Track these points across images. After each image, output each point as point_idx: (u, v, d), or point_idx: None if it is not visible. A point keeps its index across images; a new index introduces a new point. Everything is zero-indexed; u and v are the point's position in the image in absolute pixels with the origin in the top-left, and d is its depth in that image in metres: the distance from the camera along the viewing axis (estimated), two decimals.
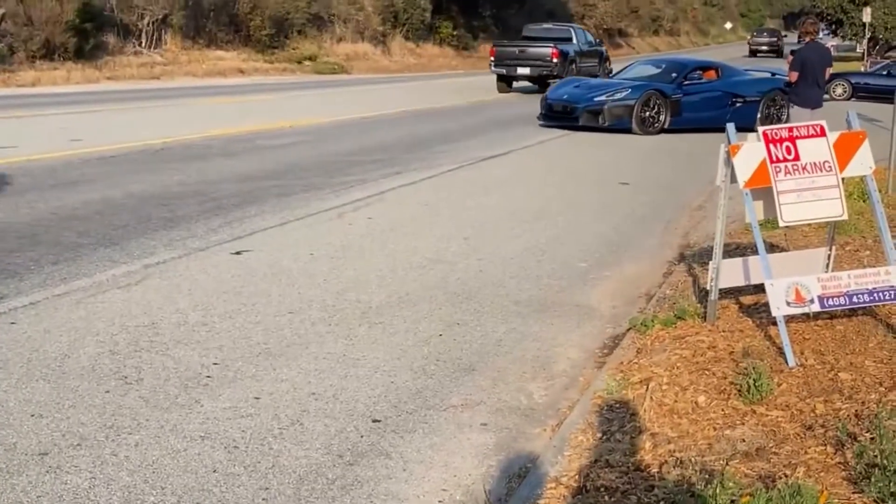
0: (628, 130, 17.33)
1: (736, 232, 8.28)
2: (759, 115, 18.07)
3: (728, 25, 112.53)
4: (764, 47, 67.10)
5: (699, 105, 17.96)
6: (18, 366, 4.98)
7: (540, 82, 27.58)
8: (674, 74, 18.61)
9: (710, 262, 5.86)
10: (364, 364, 5.27)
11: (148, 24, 32.78)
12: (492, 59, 28.99)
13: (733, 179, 5.52)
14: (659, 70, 19.34)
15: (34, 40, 27.67)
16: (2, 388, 4.68)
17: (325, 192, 10.48)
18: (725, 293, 6.15)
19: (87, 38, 29.65)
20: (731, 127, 5.63)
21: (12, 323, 5.62)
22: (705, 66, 19.60)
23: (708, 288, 5.90)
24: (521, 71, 28.11)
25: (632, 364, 5.29)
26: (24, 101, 20.62)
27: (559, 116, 18.11)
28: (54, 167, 11.33)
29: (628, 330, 6.00)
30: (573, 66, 28.55)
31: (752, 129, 19.70)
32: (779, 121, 18.05)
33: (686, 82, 18.33)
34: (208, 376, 4.97)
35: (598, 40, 35.55)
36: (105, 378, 4.87)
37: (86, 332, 5.52)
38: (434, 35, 50.46)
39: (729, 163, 5.51)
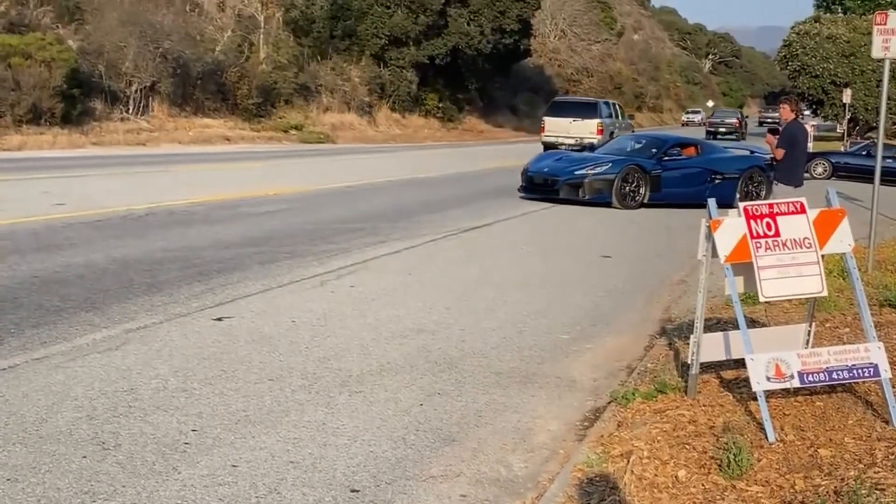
0: (608, 204, 17.39)
1: (717, 306, 8.33)
2: (737, 192, 18.22)
3: (710, 103, 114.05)
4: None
5: (679, 181, 18.10)
6: None
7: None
8: (654, 150, 18.77)
9: (692, 336, 5.88)
10: (344, 433, 5.25)
11: (136, 91, 33.01)
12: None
13: (714, 254, 5.57)
14: (640, 145, 19.49)
15: (21, 105, 27.79)
16: None
17: (309, 259, 10.49)
18: (706, 367, 6.17)
19: (75, 104, 29.81)
20: (712, 202, 5.70)
21: None
22: (685, 143, 19.81)
23: (689, 362, 5.92)
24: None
25: (612, 437, 5.28)
26: (9, 164, 20.65)
27: (539, 189, 18.18)
28: (37, 231, 11.32)
29: (609, 403, 5.99)
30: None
31: (732, 206, 19.97)
32: (758, 197, 18.29)
33: (666, 158, 18.45)
34: (186, 443, 4.93)
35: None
36: (82, 443, 4.83)
37: (64, 397, 5.48)
38: (420, 106, 51.00)
39: (710, 237, 5.57)
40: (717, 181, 18.28)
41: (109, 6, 34.08)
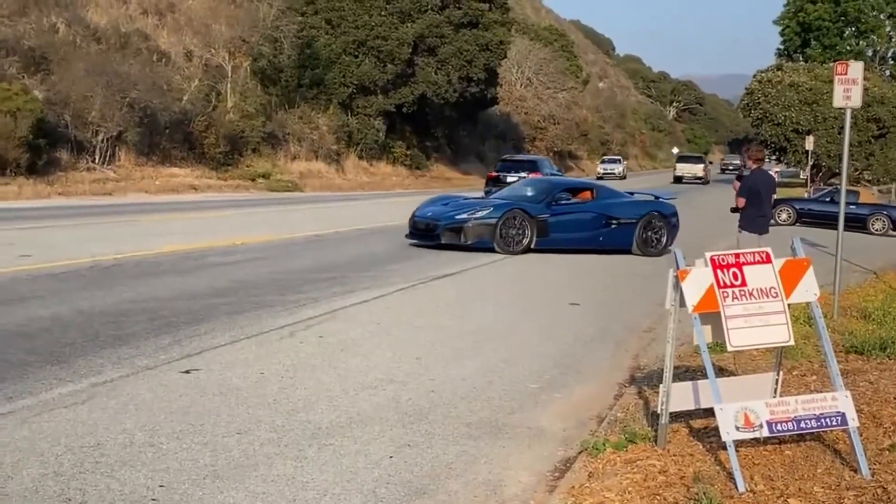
0: (491, 250, 17.02)
1: (685, 354, 8.38)
2: (635, 238, 18.12)
3: (675, 150, 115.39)
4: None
5: (569, 225, 17.79)
6: None
7: None
8: (543, 195, 18.40)
9: (661, 386, 5.90)
10: (313, 487, 5.20)
11: (102, 141, 32.93)
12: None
13: (682, 303, 5.61)
14: (534, 190, 19.09)
15: None
16: None
17: (277, 309, 10.45)
18: (676, 416, 6.19)
19: (41, 154, 29.69)
20: (678, 252, 5.75)
21: None
22: (579, 187, 19.62)
23: (658, 411, 5.94)
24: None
25: (583, 488, 5.27)
26: None
27: (422, 234, 17.76)
28: (2, 283, 11.21)
29: (580, 453, 5.99)
30: None
31: (629, 252, 19.69)
32: (658, 244, 18.19)
33: (556, 203, 18.06)
34: (154, 499, 4.87)
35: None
36: (48, 500, 4.76)
37: (30, 453, 5.41)
38: (388, 154, 51.22)
39: (678, 287, 5.61)
40: (612, 226, 18.08)
41: (76, 56, 34.07)
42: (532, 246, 17.36)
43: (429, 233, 17.54)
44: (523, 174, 34.27)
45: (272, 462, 5.55)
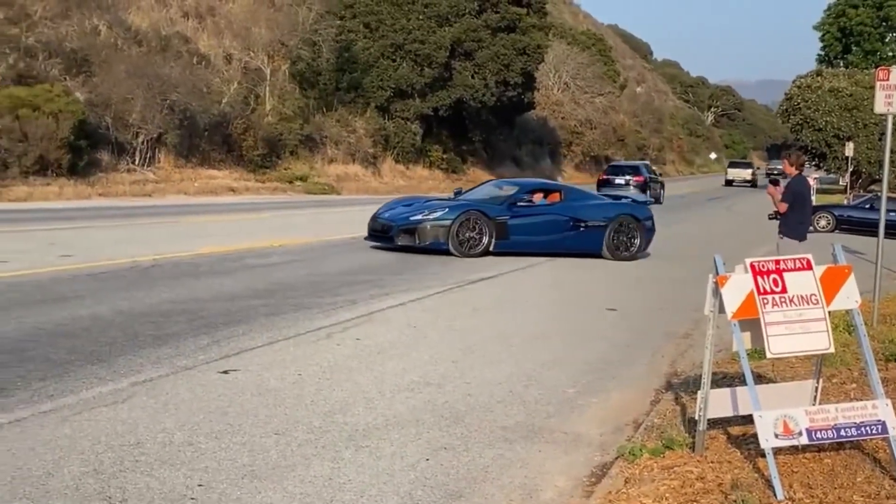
0: (447, 252, 16.53)
1: (723, 361, 8.32)
2: (605, 242, 17.72)
3: (713, 156, 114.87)
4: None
5: (531, 228, 17.30)
6: (2, 484, 4.92)
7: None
8: (505, 196, 17.95)
9: (699, 392, 5.87)
10: (350, 488, 5.23)
11: (142, 143, 33.23)
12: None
13: (721, 310, 5.58)
14: (499, 191, 18.63)
15: (28, 156, 27.96)
16: None
17: (314, 311, 10.50)
18: (714, 423, 6.15)
19: (82, 155, 29.99)
20: (717, 258, 5.72)
21: None
22: (546, 189, 18.98)
23: (696, 418, 5.91)
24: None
25: (620, 494, 5.25)
26: (16, 215, 20.75)
27: (379, 235, 17.30)
28: (43, 282, 11.34)
29: (616, 458, 5.97)
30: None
31: (599, 255, 18.45)
32: (629, 248, 17.77)
33: (520, 204, 17.56)
34: (192, 498, 4.92)
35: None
36: (89, 498, 4.81)
37: (71, 451, 5.47)
38: (424, 158, 51.28)
39: (717, 293, 5.58)
40: (580, 229, 17.62)
41: (117, 59, 34.40)
42: (491, 249, 16.88)
43: (385, 234, 17.13)
44: (627, 177, 42.20)
45: (309, 463, 5.58)
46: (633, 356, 9.39)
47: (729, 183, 72.64)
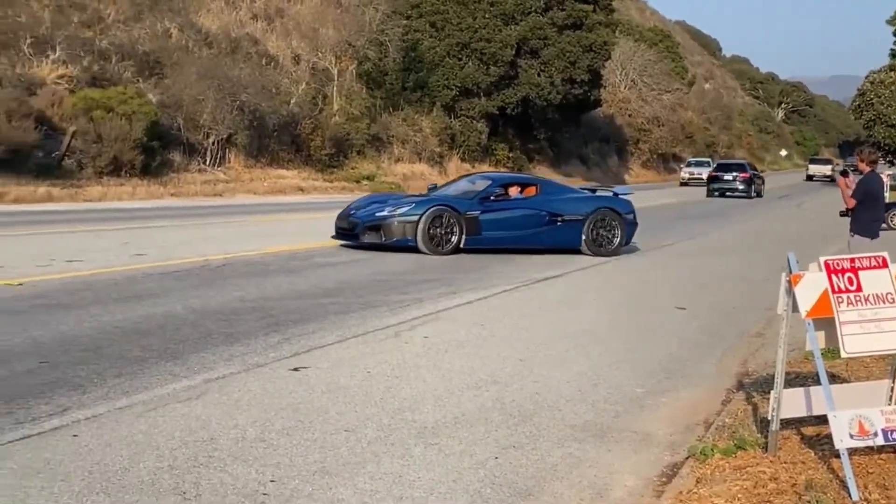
0: (415, 249, 15.87)
1: (796, 361, 8.20)
2: (584, 236, 17.11)
3: (783, 153, 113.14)
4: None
5: (505, 223, 16.58)
6: (80, 478, 5.03)
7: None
8: (476, 190, 17.13)
9: (772, 392, 5.80)
10: (419, 486, 5.26)
11: (213, 143, 33.72)
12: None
13: (795, 308, 5.51)
14: (469, 186, 17.77)
15: (102, 157, 28.52)
16: (63, 501, 4.73)
17: (382, 310, 10.57)
18: (786, 423, 6.07)
19: (154, 156, 30.53)
20: (791, 256, 5.64)
21: (74, 435, 5.70)
22: (521, 182, 18.08)
23: (769, 418, 5.84)
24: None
25: (691, 494, 5.21)
26: (91, 215, 21.19)
27: (345, 233, 16.61)
28: (117, 281, 11.57)
29: (687, 458, 5.92)
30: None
31: (578, 251, 16.96)
32: (609, 243, 17.21)
33: (492, 199, 16.82)
34: (265, 494, 4.98)
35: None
36: (164, 493, 4.90)
37: (146, 446, 5.58)
38: (490, 156, 51.24)
39: (790, 292, 5.51)
40: (557, 223, 16.93)
41: (188, 61, 34.94)
42: (462, 246, 16.25)
43: (350, 231, 16.47)
44: (734, 173, 47.56)
45: (379, 460, 5.62)
46: (704, 355, 9.30)
47: (810, 178, 77.87)
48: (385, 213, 16.25)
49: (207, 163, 33.65)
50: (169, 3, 38.20)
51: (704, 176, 60.63)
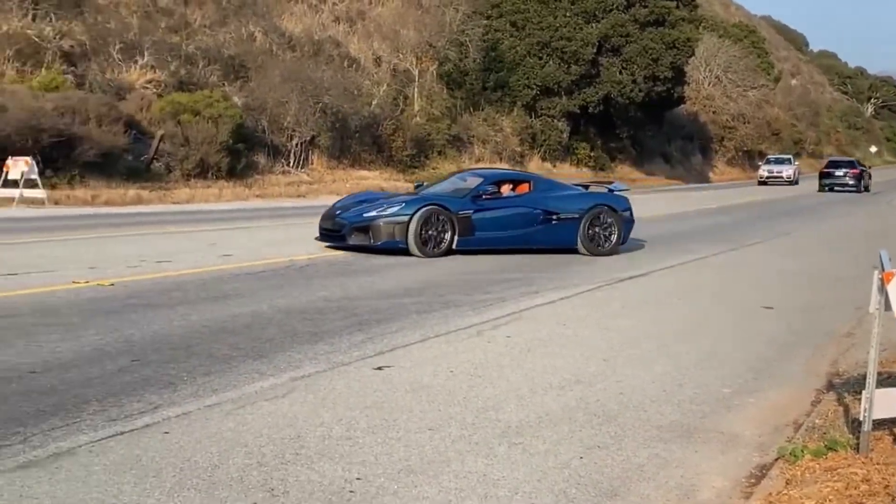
0: (406, 252, 14.97)
1: (888, 361, 8.01)
2: (580, 235, 16.40)
3: (873, 149, 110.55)
4: None
5: (498, 222, 15.79)
6: (171, 475, 5.14)
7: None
8: (469, 188, 16.25)
9: (863, 392, 5.67)
10: (504, 485, 5.26)
11: (296, 145, 34.17)
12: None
13: (887, 307, 5.38)
14: (463, 183, 16.87)
15: (189, 160, 29.11)
16: (154, 497, 4.83)
17: (464, 309, 10.59)
18: (879, 424, 5.94)
19: (240, 158, 31.06)
20: (883, 253, 5.52)
21: (165, 432, 5.82)
22: (514, 179, 17.44)
23: (860, 418, 5.71)
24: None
25: (781, 495, 5.13)
26: (179, 217, 21.63)
27: (332, 235, 15.76)
28: (205, 281, 11.79)
29: (776, 459, 5.83)
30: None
31: (574, 250, 16.22)
32: (607, 241, 16.52)
33: (485, 197, 15.97)
34: (351, 491, 5.03)
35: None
36: (253, 490, 4.98)
37: (235, 443, 5.67)
38: (571, 156, 51.05)
39: (883, 290, 5.39)
40: (552, 222, 16.20)
41: (272, 64, 35.46)
42: (454, 247, 15.40)
43: (337, 232, 15.62)
44: (845, 169, 52.28)
45: (464, 459, 5.63)
46: (792, 355, 9.13)
47: None
48: (373, 213, 15.30)
49: (291, 164, 34.12)
50: (253, 7, 38.80)
51: (785, 174, 59.18)
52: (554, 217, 16.27)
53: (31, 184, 23.59)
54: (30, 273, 11.72)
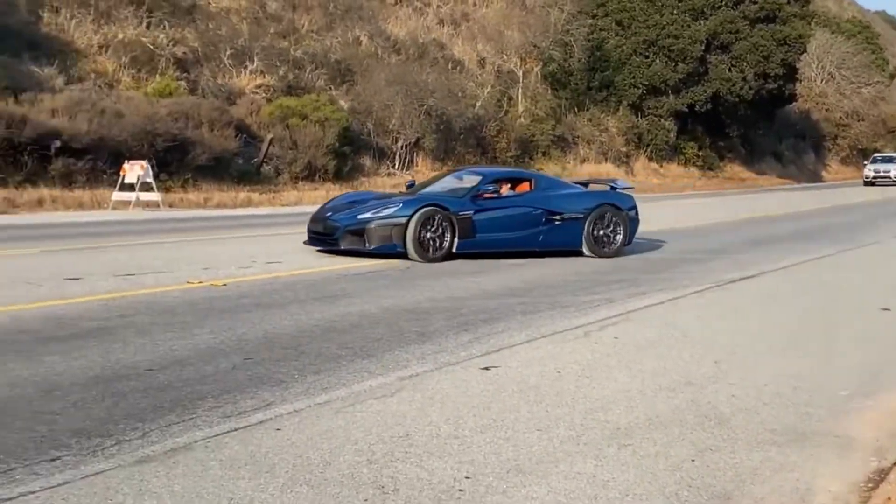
0: (403, 255, 14.10)
1: None
2: (584, 236, 15.47)
3: None
4: None
5: (501, 223, 14.88)
6: (284, 471, 5.23)
7: None
8: (467, 187, 15.32)
9: None
10: (614, 486, 5.21)
11: (401, 147, 34.47)
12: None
13: None
14: (458, 183, 15.91)
15: (297, 163, 29.62)
16: (268, 492, 4.92)
17: (571, 310, 10.54)
18: None
19: (346, 161, 31.48)
20: None
21: (278, 429, 5.92)
22: (515, 178, 16.47)
23: None
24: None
25: None
26: (288, 219, 22.02)
27: (322, 238, 14.89)
28: (314, 282, 11.97)
29: (895, 464, 5.65)
30: None
31: (579, 253, 15.31)
32: (612, 242, 15.60)
33: (486, 196, 15.01)
34: (460, 490, 5.05)
35: None
36: (363, 486, 5.04)
37: (345, 441, 5.74)
38: (679, 155, 50.36)
39: None
40: (555, 222, 15.27)
41: (378, 68, 35.85)
42: (454, 250, 14.49)
43: (327, 237, 14.76)
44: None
45: (572, 460, 5.60)
46: None
47: None
48: (368, 214, 14.39)
49: (396, 166, 34.44)
50: (359, 11, 39.29)
51: (893, 174, 55.73)
52: (557, 217, 15.38)
53: (146, 187, 24.32)
54: (146, 274, 12.08)
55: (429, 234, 14.23)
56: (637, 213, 16.34)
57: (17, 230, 18.37)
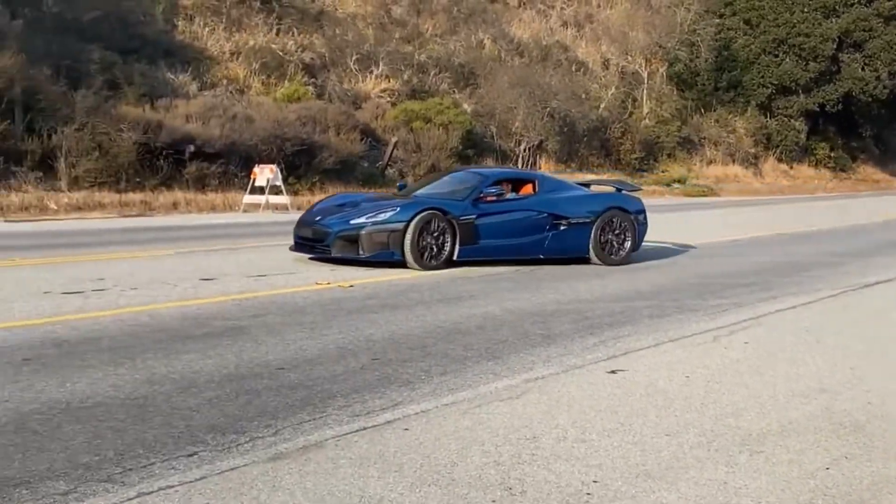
0: (399, 264, 13.08)
1: None
2: (592, 242, 14.32)
3: None
4: None
5: (504, 228, 13.82)
6: (412, 470, 5.28)
7: None
8: (468, 190, 14.10)
9: None
10: (746, 494, 5.10)
11: (524, 150, 34.45)
12: None
13: None
14: (458, 185, 14.63)
15: (421, 165, 29.89)
16: (397, 491, 4.98)
17: (699, 314, 10.37)
18: None
19: (469, 163, 31.59)
20: None
21: (405, 429, 5.99)
22: (517, 179, 15.37)
23: None
24: None
25: None
26: None
27: (311, 244, 13.75)
28: (440, 283, 12.06)
29: None
30: None
31: (586, 260, 14.39)
32: (620, 248, 14.48)
33: (488, 199, 13.93)
34: (588, 493, 5.02)
35: None
36: (491, 488, 5.05)
37: (472, 442, 5.77)
38: (809, 156, 49.06)
39: None
40: (561, 227, 14.17)
41: (501, 70, 35.92)
42: (455, 257, 13.46)
43: (316, 242, 13.65)
44: None
45: (703, 466, 5.51)
46: None
47: None
48: (362, 219, 13.32)
49: (520, 169, 34.41)
50: (483, 15, 39.44)
51: None
52: (563, 222, 14.29)
53: (275, 190, 24.89)
54: (276, 275, 12.36)
55: (428, 240, 13.27)
56: (646, 218, 15.21)
57: (154, 232, 19.01)
